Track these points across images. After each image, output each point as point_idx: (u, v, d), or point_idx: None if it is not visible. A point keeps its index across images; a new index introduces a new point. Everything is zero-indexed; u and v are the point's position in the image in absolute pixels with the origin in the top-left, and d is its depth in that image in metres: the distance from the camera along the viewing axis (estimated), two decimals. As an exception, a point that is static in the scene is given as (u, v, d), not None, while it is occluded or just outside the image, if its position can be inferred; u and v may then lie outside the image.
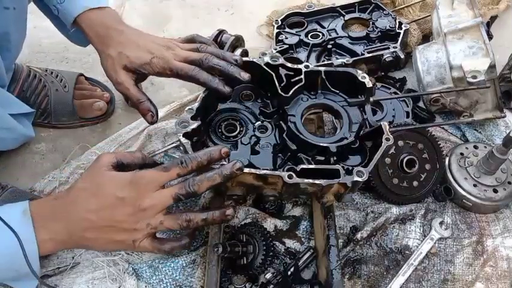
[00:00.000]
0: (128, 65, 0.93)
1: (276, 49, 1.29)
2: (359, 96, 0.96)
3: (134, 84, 0.95)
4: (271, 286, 0.91)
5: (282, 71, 0.95)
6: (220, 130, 0.94)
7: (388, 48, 1.24)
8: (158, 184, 0.76)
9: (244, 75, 0.91)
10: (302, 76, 0.94)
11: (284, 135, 0.91)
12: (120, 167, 0.80)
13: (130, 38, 0.95)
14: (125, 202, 0.75)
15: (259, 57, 0.96)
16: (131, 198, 0.75)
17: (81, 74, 1.27)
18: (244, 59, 0.96)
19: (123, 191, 0.75)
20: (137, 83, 0.97)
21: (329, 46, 1.29)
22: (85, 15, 0.97)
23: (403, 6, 1.40)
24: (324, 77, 0.96)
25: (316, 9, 1.39)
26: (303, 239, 1.01)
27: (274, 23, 1.38)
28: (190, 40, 1.05)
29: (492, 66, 1.05)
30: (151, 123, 0.98)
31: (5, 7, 0.94)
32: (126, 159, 0.81)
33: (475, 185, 1.04)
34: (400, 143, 1.04)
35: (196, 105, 0.89)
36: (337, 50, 1.30)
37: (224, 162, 0.81)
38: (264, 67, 0.94)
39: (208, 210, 0.81)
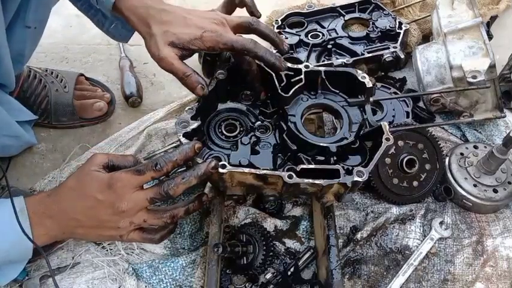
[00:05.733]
0: (174, 41, 0.86)
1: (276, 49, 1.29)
2: (359, 96, 0.96)
3: (178, 58, 0.87)
4: (271, 286, 0.91)
5: (282, 71, 0.95)
6: (220, 130, 0.94)
7: (388, 48, 1.24)
8: (133, 187, 0.77)
9: (284, 65, 0.90)
10: (302, 76, 0.94)
11: (284, 135, 0.91)
12: (111, 168, 0.81)
13: (176, 16, 0.88)
14: (104, 204, 0.77)
15: (260, 57, 0.95)
16: (109, 201, 0.77)
17: (82, 74, 1.28)
18: None
19: (102, 194, 0.77)
20: (182, 59, 0.89)
21: (329, 46, 1.30)
22: None
23: (403, 6, 1.40)
24: (324, 77, 0.96)
25: (316, 9, 1.39)
26: (303, 239, 1.01)
27: (274, 23, 1.38)
28: (230, 1, 1.03)
29: (492, 66, 1.05)
30: (203, 95, 0.88)
31: (27, 26, 0.95)
32: (118, 161, 0.83)
33: (475, 185, 1.04)
34: (400, 143, 1.04)
35: (196, 105, 0.89)
36: (337, 50, 1.30)
37: (199, 161, 0.81)
38: (264, 67, 0.94)
39: (187, 202, 0.84)
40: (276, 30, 1.35)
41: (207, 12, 0.93)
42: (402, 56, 1.23)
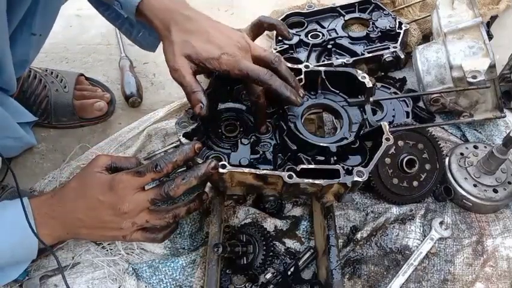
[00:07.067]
0: (192, 55, 0.84)
1: (276, 49, 1.29)
2: (359, 96, 0.96)
3: (192, 73, 0.85)
4: (271, 286, 0.91)
5: (282, 71, 0.95)
6: (220, 130, 0.94)
7: (388, 48, 1.24)
8: (134, 188, 0.78)
9: (300, 100, 0.87)
10: (302, 76, 0.94)
11: (284, 135, 0.91)
12: (114, 169, 0.82)
13: (200, 27, 0.85)
14: (106, 205, 0.78)
15: (260, 57, 0.95)
16: (111, 202, 0.78)
17: (82, 74, 1.27)
18: None
19: (104, 195, 0.78)
20: (195, 74, 0.87)
21: (329, 46, 1.29)
22: (147, 1, 0.88)
23: (403, 6, 1.41)
24: (324, 77, 0.96)
25: (316, 9, 1.39)
26: (303, 239, 1.01)
27: (274, 23, 1.38)
28: (258, 25, 1.06)
29: (492, 66, 1.05)
30: (199, 114, 0.86)
31: (33, 33, 0.95)
32: (121, 163, 0.83)
33: (475, 185, 1.03)
34: (400, 143, 1.04)
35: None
36: (337, 50, 1.30)
37: (200, 162, 0.82)
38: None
39: (188, 201, 0.85)
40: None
41: (234, 32, 0.89)
42: (402, 56, 1.23)
